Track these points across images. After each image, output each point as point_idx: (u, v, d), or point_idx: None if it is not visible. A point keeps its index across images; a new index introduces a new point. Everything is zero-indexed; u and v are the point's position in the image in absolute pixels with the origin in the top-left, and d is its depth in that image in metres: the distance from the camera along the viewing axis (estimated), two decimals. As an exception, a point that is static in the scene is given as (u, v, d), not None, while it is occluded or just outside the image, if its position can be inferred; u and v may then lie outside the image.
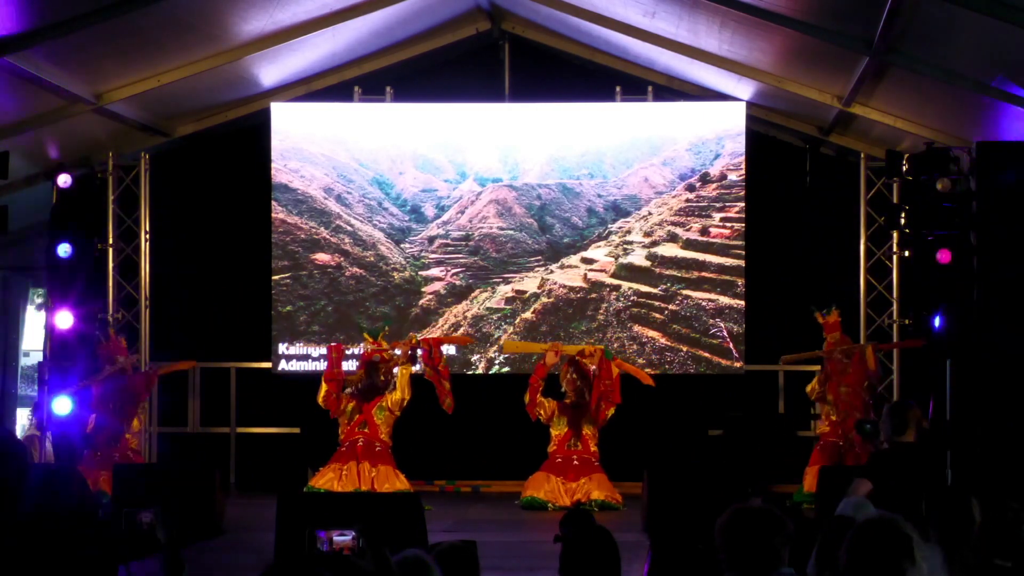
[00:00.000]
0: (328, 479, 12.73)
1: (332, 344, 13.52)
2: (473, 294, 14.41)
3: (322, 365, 14.14)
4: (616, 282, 14.24)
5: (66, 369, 13.55)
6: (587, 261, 14.34)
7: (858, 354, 13.07)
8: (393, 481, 12.73)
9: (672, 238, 14.26)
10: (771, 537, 4.30)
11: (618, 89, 14.27)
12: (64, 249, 13.45)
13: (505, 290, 14.39)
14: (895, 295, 14.09)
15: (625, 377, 13.09)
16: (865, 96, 12.45)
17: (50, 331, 13.81)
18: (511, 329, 14.31)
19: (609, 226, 14.30)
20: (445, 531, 10.64)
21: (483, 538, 7.57)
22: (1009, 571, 5.03)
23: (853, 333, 14.03)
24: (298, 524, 8.19)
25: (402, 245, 14.41)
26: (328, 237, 14.49)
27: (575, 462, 12.93)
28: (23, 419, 15.51)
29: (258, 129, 14.51)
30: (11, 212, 11.52)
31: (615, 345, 14.11)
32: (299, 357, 14.28)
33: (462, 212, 14.44)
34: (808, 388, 13.34)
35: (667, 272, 14.23)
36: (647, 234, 14.27)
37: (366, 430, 12.96)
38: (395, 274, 14.45)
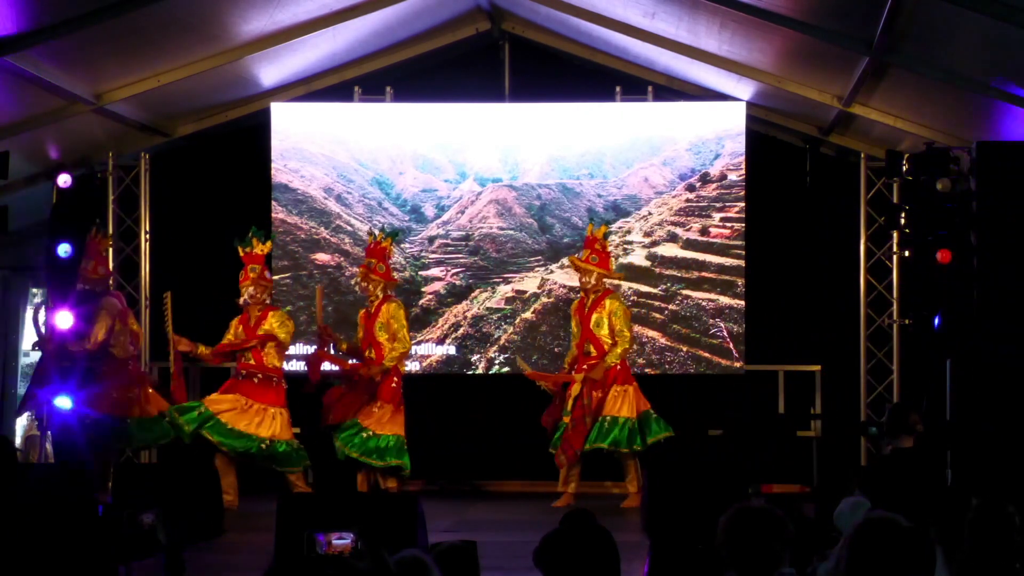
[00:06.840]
0: None
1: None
2: (473, 294, 14.40)
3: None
4: (616, 282, 14.22)
5: (66, 369, 13.53)
6: (587, 261, 14.31)
7: None
8: None
9: (672, 238, 14.25)
10: (773, 537, 4.30)
11: (618, 89, 14.27)
12: (64, 249, 13.43)
13: (505, 290, 14.38)
14: (895, 295, 14.09)
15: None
16: (865, 96, 12.45)
17: (50, 331, 13.79)
18: (511, 329, 14.30)
19: (609, 226, 14.28)
20: (445, 531, 10.64)
21: (483, 538, 7.56)
22: (1004, 572, 5.03)
23: (853, 333, 14.04)
24: (298, 525, 8.19)
25: (402, 245, 14.40)
26: (328, 237, 14.48)
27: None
28: (23, 419, 15.50)
29: (258, 129, 14.50)
30: (11, 212, 11.51)
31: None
32: (299, 357, 14.24)
33: (462, 212, 14.44)
34: None
35: (667, 272, 14.23)
36: (647, 234, 14.26)
37: None
38: (395, 274, 14.43)
